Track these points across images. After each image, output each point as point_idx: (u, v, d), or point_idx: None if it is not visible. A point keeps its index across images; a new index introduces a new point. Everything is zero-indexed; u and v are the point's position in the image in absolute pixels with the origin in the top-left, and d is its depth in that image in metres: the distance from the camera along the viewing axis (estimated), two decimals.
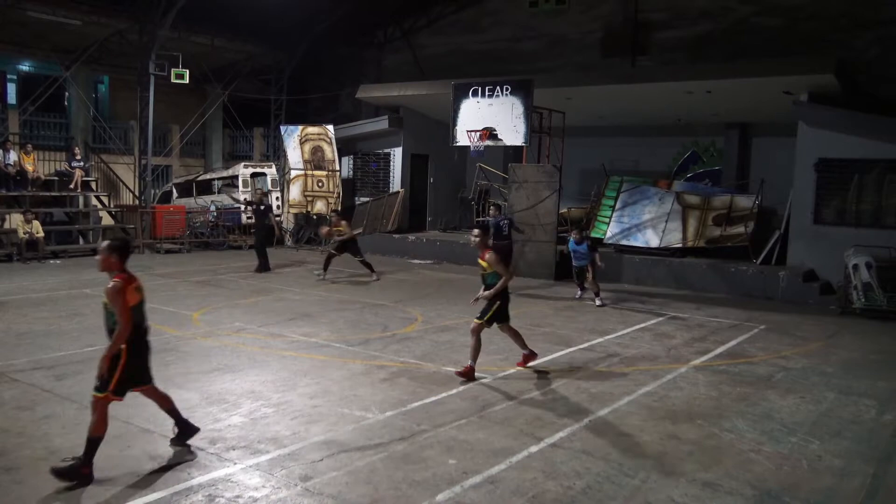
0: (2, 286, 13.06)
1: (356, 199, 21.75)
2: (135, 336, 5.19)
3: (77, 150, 20.18)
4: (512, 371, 8.14)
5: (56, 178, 19.58)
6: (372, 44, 24.06)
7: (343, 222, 15.63)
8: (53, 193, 19.35)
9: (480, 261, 7.84)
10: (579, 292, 13.47)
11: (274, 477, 5.14)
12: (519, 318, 11.15)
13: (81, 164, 19.87)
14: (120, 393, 5.21)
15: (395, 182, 21.26)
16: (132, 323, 5.13)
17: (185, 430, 5.64)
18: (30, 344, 8.82)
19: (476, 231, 7.98)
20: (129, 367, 5.18)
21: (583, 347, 9.42)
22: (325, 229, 16.75)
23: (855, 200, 14.07)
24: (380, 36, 23.90)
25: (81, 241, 19.58)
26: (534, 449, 5.76)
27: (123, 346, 5.11)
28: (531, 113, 15.69)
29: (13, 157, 18.73)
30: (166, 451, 5.53)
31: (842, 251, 13.21)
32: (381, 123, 21.01)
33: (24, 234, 16.52)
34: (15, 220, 16.99)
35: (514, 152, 17.82)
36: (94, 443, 5.05)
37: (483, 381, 7.69)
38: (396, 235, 19.96)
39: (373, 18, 23.13)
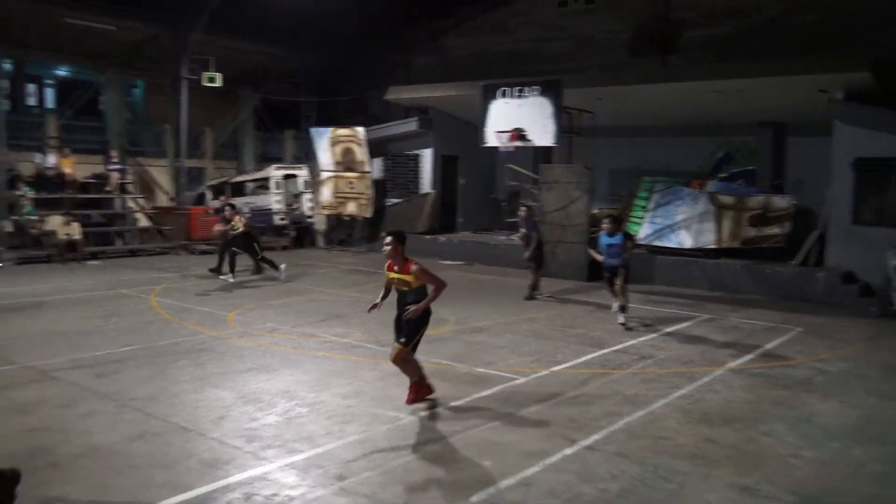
0: (42, 286, 13.35)
1: (387, 200, 21.83)
2: None
3: (113, 154, 20.54)
4: (545, 373, 8.10)
5: (93, 180, 19.95)
6: (400, 45, 24.15)
7: (237, 217, 15.08)
8: (91, 196, 19.72)
9: (396, 274, 6.67)
10: (615, 305, 11.23)
11: (309, 476, 5.18)
12: (551, 321, 11.14)
13: (118, 167, 20.22)
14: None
15: (426, 183, 21.30)
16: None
17: None
18: (69, 343, 9.00)
19: (388, 238, 6.77)
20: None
21: (616, 349, 9.35)
22: (218, 228, 15.68)
23: (895, 200, 13.78)
24: (408, 38, 23.98)
25: (119, 242, 19.91)
26: (568, 451, 5.73)
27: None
28: (561, 113, 15.60)
29: (52, 160, 19.15)
30: (204, 448, 5.60)
31: (881, 252, 12.93)
32: (411, 125, 21.07)
33: (64, 235, 16.85)
34: (55, 221, 17.34)
35: (543, 153, 17.75)
36: None
37: (515, 382, 7.67)
38: (427, 237, 19.99)
39: (401, 20, 23.22)
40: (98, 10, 18.16)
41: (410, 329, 6.60)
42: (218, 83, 20.12)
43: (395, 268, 6.67)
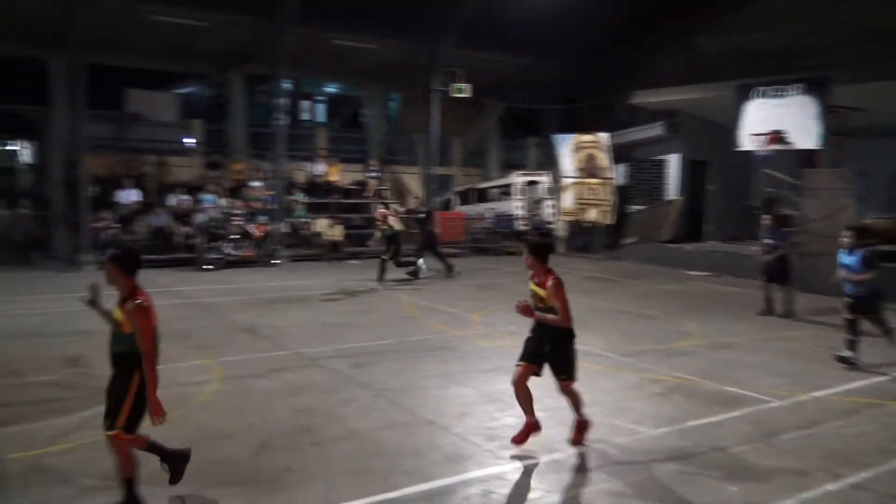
0: (310, 282, 14.88)
1: (629, 207, 21.34)
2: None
3: (373, 162, 22.33)
4: (804, 398, 7.39)
5: (354, 187, 21.89)
6: (645, 48, 23.41)
7: (392, 217, 15.30)
8: (352, 201, 21.65)
9: (534, 286, 5.90)
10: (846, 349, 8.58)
11: (546, 480, 5.22)
12: (813, 340, 10.15)
13: (376, 174, 21.96)
14: (133, 430, 4.49)
15: (671, 189, 20.49)
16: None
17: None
18: (334, 334, 9.94)
19: (528, 242, 6.08)
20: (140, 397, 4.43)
21: (891, 378, 8.25)
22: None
23: None
24: (653, 39, 23.18)
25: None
26: (831, 487, 5.17)
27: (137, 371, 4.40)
28: (827, 113, 14.15)
29: (321, 168, 21.31)
30: (447, 442, 5.88)
31: None
32: (656, 129, 20.40)
33: (329, 236, 18.68)
34: (321, 224, 19.27)
35: (806, 156, 16.24)
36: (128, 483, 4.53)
37: (769, 405, 7.09)
38: (671, 245, 19.21)
39: (646, 22, 22.51)
40: (362, 31, 19.85)
41: (563, 362, 5.79)
42: (466, 94, 21.02)
43: (535, 279, 5.89)
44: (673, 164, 20.53)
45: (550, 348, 5.81)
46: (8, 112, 21.96)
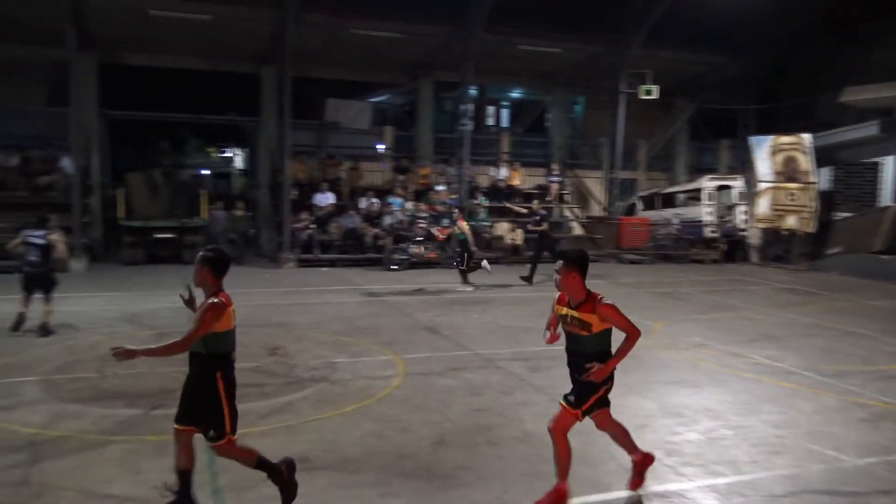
0: (488, 284, 15.08)
1: (834, 214, 19.56)
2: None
3: (554, 166, 22.24)
4: None
5: (536, 191, 21.91)
6: (856, 40, 21.34)
7: (463, 220, 14.82)
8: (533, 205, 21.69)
9: (572, 311, 4.86)
10: None
11: (731, 503, 4.92)
12: None
13: (558, 178, 21.85)
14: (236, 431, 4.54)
15: (886, 195, 18.53)
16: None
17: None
18: (511, 337, 10.02)
19: (560, 262, 4.87)
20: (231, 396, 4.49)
21: None
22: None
23: None
24: (865, 31, 21.06)
25: (555, 248, 21.49)
26: None
27: (219, 373, 4.42)
28: None
29: (504, 172, 21.57)
30: (625, 453, 5.71)
31: None
32: (870, 129, 18.52)
33: (510, 240, 18.85)
34: (502, 228, 19.48)
35: None
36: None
37: None
38: (885, 257, 17.36)
39: (856, 12, 20.49)
40: (547, 36, 19.85)
41: (582, 391, 4.89)
42: (654, 95, 20.35)
43: (571, 303, 4.87)
44: (889, 167, 18.54)
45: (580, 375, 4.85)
46: (225, 123, 24.41)
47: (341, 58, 20.29)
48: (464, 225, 14.82)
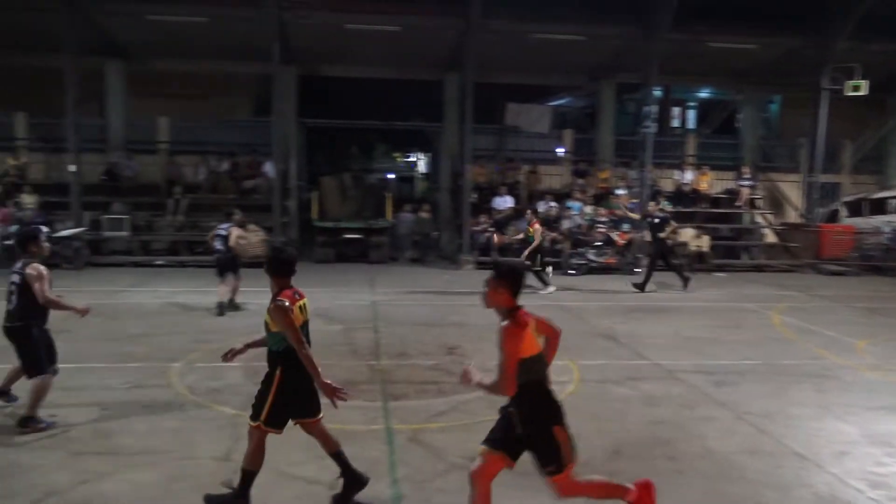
0: (672, 293, 14.46)
1: None
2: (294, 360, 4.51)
3: (745, 169, 20.93)
4: None
5: (724, 195, 20.77)
6: None
7: (537, 223, 14.27)
8: (721, 210, 20.57)
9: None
10: None
11: None
12: None
13: (749, 182, 20.55)
14: (274, 424, 4.56)
15: None
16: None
17: (352, 482, 4.74)
18: (694, 349, 9.55)
19: (498, 266, 4.15)
20: (284, 394, 4.55)
21: None
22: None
23: None
24: None
25: (744, 256, 20.25)
26: None
27: (279, 369, 4.56)
28: None
29: (689, 176, 20.65)
30: (820, 481, 5.25)
31: None
32: None
33: (694, 247, 18.01)
34: (686, 234, 18.64)
35: None
36: (248, 475, 4.60)
37: None
38: None
39: None
40: (741, 31, 18.74)
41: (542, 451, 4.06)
42: (863, 91, 18.55)
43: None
44: None
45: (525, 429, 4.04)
46: (410, 128, 25.43)
47: (521, 62, 20.43)
48: (538, 227, 14.45)
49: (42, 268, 5.98)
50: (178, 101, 21.47)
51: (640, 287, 14.33)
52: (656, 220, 14.64)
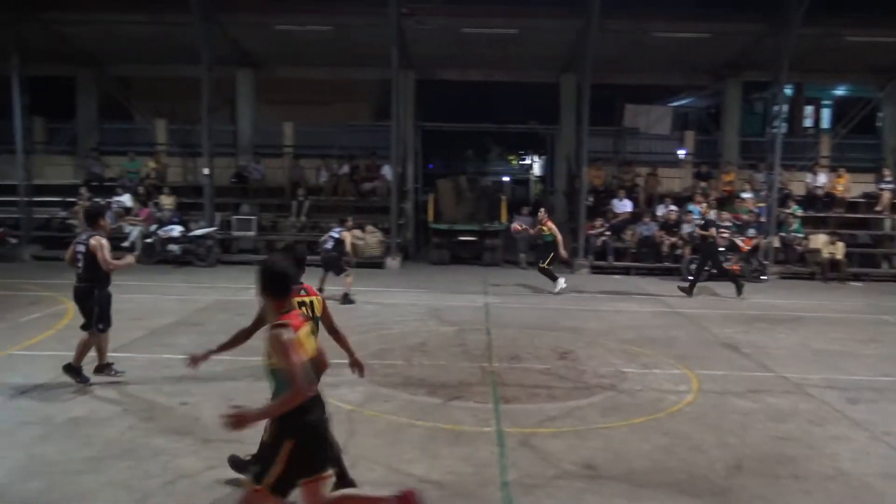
0: (800, 302, 13.70)
1: None
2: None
3: (886, 172, 19.48)
4: None
5: (862, 199, 19.43)
6: None
7: (549, 222, 14.27)
8: (859, 215, 19.25)
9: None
10: None
11: None
12: None
13: (890, 185, 19.11)
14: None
15: None
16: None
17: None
18: (824, 362, 8.98)
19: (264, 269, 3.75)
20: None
21: None
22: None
23: None
24: None
25: (885, 265, 18.83)
26: None
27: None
28: None
29: (822, 179, 19.44)
30: None
31: None
32: None
33: (827, 254, 16.93)
34: (819, 240, 17.56)
35: None
36: None
37: None
38: None
39: None
40: (884, 24, 17.46)
41: (264, 457, 3.70)
42: None
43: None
44: None
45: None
46: (525, 131, 25.35)
47: (640, 62, 19.89)
48: (551, 226, 14.27)
49: (103, 240, 7.04)
50: (302, 107, 22.34)
51: (688, 291, 13.94)
52: (704, 221, 14.78)
